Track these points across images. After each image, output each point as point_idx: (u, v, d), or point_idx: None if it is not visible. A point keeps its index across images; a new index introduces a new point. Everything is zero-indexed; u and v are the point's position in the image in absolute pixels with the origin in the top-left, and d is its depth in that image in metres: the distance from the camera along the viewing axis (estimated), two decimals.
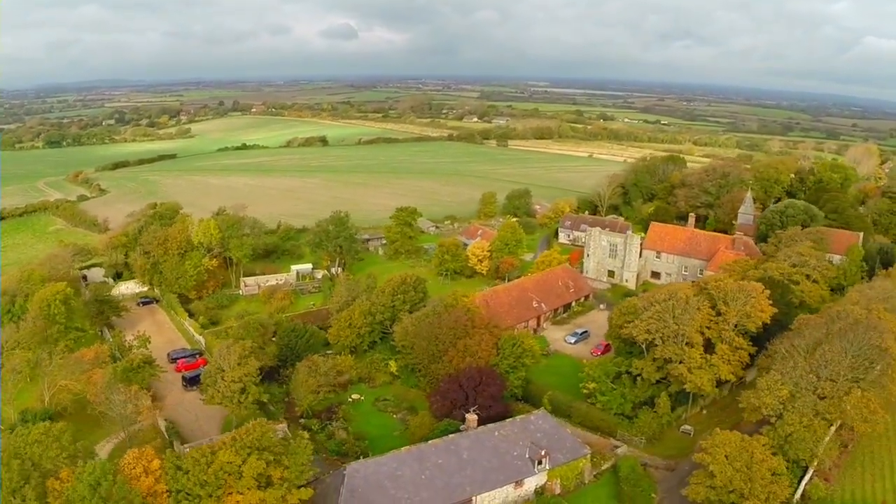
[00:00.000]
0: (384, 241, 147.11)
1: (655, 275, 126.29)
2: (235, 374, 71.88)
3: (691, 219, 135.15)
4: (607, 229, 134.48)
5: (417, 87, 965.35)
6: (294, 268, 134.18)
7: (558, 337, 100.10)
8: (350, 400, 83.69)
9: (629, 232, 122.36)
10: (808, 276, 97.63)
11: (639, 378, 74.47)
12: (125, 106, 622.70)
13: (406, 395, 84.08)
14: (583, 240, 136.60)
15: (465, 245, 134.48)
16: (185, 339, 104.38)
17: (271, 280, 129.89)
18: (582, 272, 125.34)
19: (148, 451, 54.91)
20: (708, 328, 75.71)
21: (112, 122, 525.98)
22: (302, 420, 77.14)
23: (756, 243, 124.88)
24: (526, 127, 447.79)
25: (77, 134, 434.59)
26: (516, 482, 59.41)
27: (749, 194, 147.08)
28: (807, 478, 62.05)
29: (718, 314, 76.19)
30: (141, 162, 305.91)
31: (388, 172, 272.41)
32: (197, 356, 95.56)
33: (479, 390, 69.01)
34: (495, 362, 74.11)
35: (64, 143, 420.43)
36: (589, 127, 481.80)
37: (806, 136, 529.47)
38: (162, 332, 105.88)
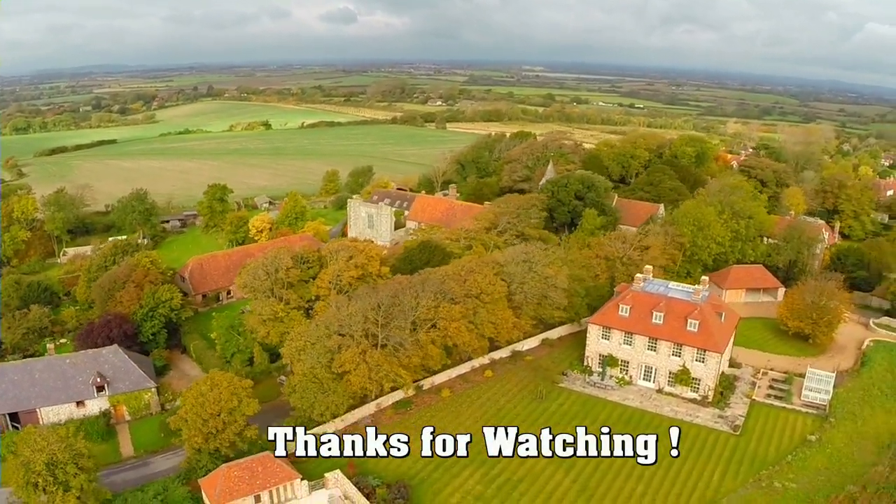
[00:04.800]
0: None
1: None
2: None
3: (452, 189, 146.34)
4: (406, 203, 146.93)
5: (409, 72, 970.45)
6: (111, 239, 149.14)
7: None
8: (58, 343, 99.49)
9: (382, 203, 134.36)
10: (490, 243, 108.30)
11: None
12: (108, 92, 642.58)
13: None
14: None
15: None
16: None
17: (90, 251, 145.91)
18: None
19: None
20: (319, 287, 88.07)
21: (89, 108, 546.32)
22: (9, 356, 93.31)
23: None
24: (475, 110, 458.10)
25: (43, 121, 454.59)
26: (78, 402, 73.58)
27: (550, 166, 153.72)
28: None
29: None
30: (78, 147, 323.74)
31: (292, 154, 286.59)
32: None
33: (101, 333, 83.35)
34: (135, 311, 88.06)
35: (31, 131, 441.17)
36: (542, 109, 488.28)
37: (782, 119, 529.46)
38: None
